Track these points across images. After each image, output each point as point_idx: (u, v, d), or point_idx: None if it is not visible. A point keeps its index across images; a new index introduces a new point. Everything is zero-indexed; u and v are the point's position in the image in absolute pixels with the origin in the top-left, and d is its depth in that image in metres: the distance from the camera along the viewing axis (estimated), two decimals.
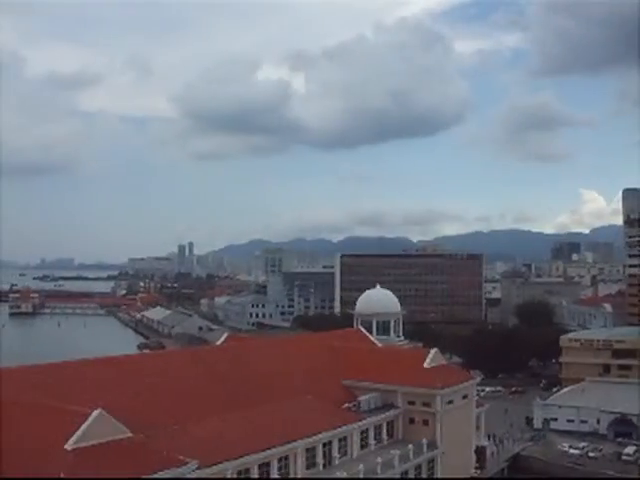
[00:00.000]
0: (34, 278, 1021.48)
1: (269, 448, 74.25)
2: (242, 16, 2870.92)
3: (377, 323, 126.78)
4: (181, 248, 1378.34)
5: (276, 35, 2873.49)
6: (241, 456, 70.53)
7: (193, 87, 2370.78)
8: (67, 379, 73.80)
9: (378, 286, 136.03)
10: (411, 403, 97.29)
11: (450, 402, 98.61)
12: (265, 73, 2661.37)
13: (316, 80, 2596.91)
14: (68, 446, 53.79)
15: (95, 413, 56.66)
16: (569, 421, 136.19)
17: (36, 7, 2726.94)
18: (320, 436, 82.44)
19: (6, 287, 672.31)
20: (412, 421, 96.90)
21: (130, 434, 59.12)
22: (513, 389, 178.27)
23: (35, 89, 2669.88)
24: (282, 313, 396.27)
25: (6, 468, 53.34)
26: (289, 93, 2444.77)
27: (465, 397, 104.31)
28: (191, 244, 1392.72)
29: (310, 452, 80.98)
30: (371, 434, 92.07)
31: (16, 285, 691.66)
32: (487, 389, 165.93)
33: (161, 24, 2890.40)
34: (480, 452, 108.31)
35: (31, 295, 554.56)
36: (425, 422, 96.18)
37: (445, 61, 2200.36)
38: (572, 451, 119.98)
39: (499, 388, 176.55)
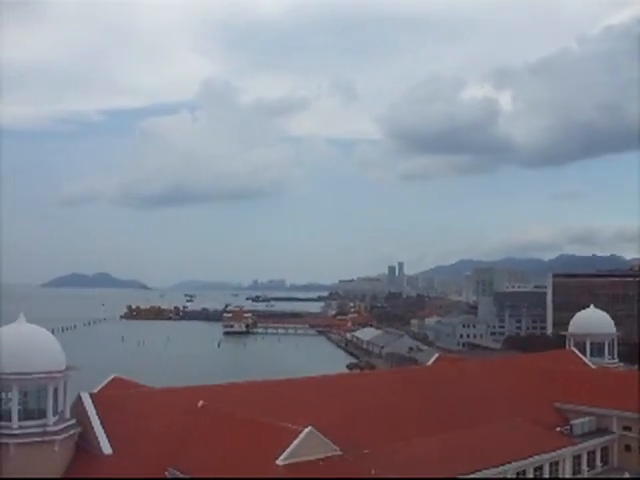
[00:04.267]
0: (247, 298, 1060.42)
1: (479, 470, 73.16)
2: (444, 35, 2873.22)
3: (591, 344, 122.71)
4: (391, 269, 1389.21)
5: (479, 52, 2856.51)
6: (450, 478, 69.90)
7: (397, 108, 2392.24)
8: (279, 396, 75.99)
9: (592, 306, 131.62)
10: (627, 429, 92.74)
11: None
12: (470, 91, 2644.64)
13: (522, 96, 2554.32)
14: (280, 462, 55.17)
15: (306, 430, 57.82)
16: None
17: (245, 39, 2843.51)
18: (531, 460, 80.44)
19: (220, 307, 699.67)
20: (628, 448, 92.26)
21: (340, 452, 59.95)
22: None
23: (246, 116, 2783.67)
24: (493, 334, 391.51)
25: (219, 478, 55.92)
26: (495, 111, 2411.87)
27: None
28: (401, 264, 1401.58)
29: (520, 475, 79.27)
30: (584, 460, 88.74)
31: (230, 305, 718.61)
32: None
33: (364, 47, 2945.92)
34: None
35: (244, 315, 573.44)
36: None
37: None
38: None
39: None
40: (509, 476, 76.93)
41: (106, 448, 60.55)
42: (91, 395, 65.49)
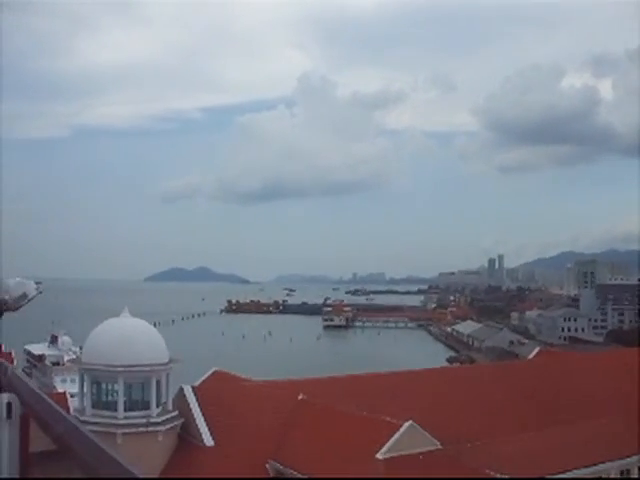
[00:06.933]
0: (346, 292, 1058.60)
1: (580, 467, 72.01)
2: (541, 23, 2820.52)
3: None
4: (491, 261, 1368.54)
5: (577, 40, 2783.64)
6: (550, 474, 68.95)
7: (495, 99, 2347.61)
8: (378, 390, 75.96)
9: None
10: None
11: None
12: (569, 80, 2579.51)
13: (622, 84, 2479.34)
14: (380, 455, 55.44)
15: (406, 424, 57.92)
16: None
17: (341, 33, 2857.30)
18: (635, 458, 78.83)
19: (320, 301, 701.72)
20: None
21: (440, 446, 59.82)
22: None
23: (343, 110, 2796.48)
24: (594, 327, 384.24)
25: (319, 471, 56.47)
26: (595, 99, 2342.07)
27: None
28: (501, 257, 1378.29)
29: (624, 474, 77.68)
30: None
31: (329, 299, 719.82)
32: None
33: (461, 39, 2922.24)
34: None
35: (344, 309, 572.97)
36: None
37: None
38: None
39: None
40: (612, 474, 75.64)
41: (208, 440, 61.77)
42: (193, 388, 66.84)
